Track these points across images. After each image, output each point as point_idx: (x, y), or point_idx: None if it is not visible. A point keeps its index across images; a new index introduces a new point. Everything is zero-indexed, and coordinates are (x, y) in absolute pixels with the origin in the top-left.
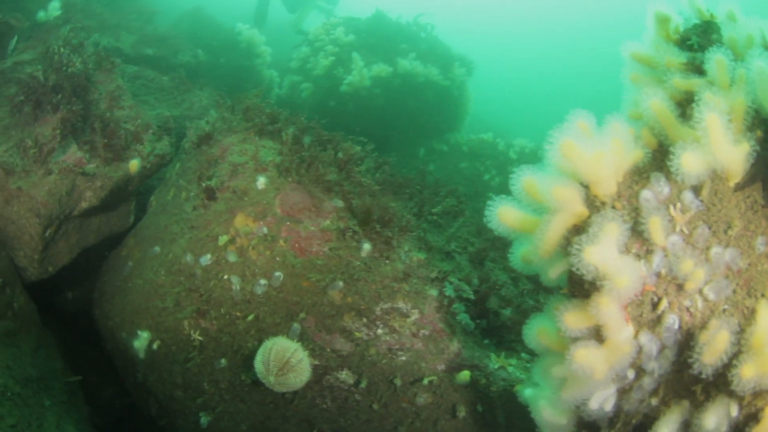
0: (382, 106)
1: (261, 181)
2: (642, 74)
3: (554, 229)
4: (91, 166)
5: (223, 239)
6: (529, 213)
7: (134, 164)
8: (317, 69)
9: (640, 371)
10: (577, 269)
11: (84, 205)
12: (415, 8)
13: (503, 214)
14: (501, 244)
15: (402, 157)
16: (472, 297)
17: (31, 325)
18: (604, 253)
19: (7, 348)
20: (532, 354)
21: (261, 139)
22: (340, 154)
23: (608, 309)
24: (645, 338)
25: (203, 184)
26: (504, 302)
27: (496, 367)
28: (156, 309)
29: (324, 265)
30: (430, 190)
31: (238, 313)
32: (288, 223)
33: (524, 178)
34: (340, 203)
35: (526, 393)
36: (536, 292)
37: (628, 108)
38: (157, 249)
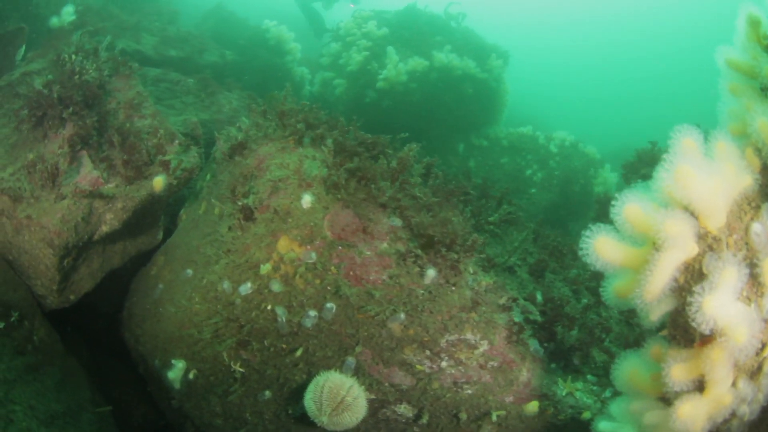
0: (419, 101)
1: (306, 200)
2: (740, 84)
3: (663, 269)
4: (110, 186)
5: (265, 268)
6: (629, 244)
7: (159, 181)
8: (350, 65)
9: (731, 415)
10: (693, 320)
11: (105, 229)
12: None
13: (601, 247)
14: (558, 253)
15: (440, 153)
16: (539, 319)
17: (54, 357)
18: (724, 304)
19: (29, 385)
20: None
21: (301, 148)
22: (393, 163)
23: (721, 364)
24: (744, 385)
25: (239, 203)
26: (569, 321)
27: (563, 394)
28: (191, 338)
29: (383, 295)
30: (479, 191)
31: (284, 345)
32: (339, 247)
33: (628, 206)
34: (398, 221)
35: (602, 427)
36: (598, 306)
37: (728, 121)
38: (190, 272)
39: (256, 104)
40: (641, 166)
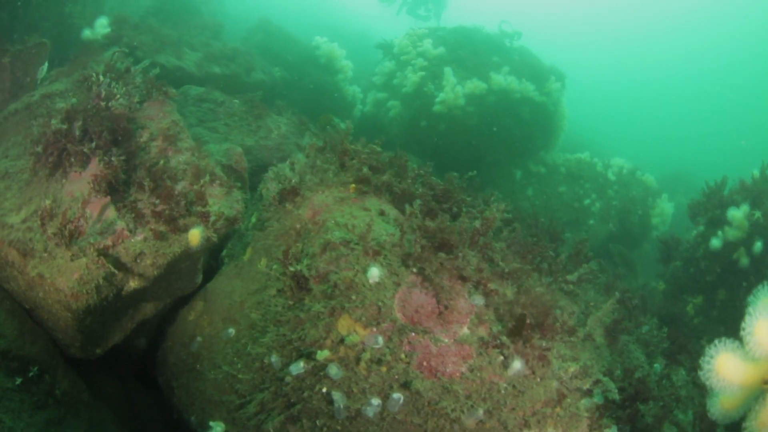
0: (476, 126)
1: (374, 273)
2: None
3: None
4: (137, 239)
5: (322, 355)
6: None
7: (195, 235)
8: (406, 86)
9: None
10: None
11: (133, 285)
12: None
13: (724, 369)
14: (629, 304)
15: (496, 179)
16: (617, 398)
17: (79, 408)
18: None
19: None
20: None
21: (364, 198)
22: (477, 223)
23: None
24: None
25: (291, 269)
26: (645, 394)
27: None
28: (232, 404)
29: (461, 390)
30: (548, 236)
31: (339, 428)
32: (412, 333)
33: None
34: (480, 300)
35: None
36: (669, 369)
37: None
38: (232, 332)
39: (310, 130)
40: (709, 207)
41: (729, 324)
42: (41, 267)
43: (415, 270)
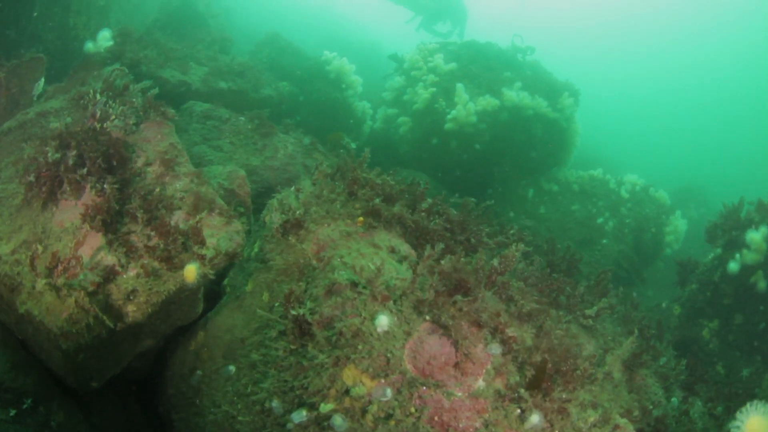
0: (488, 143)
1: (382, 322)
2: None
3: None
4: (130, 275)
5: (326, 407)
6: None
7: (191, 271)
8: (416, 102)
9: None
10: None
11: (128, 320)
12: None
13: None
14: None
15: (509, 197)
16: None
17: None
18: None
19: None
20: None
21: (373, 233)
22: (495, 262)
23: None
24: None
25: (293, 312)
26: (663, 426)
27: None
28: None
29: None
30: (565, 263)
31: None
32: (423, 387)
33: None
34: (497, 349)
35: None
36: (688, 410)
37: None
38: (232, 369)
39: (318, 150)
40: (726, 228)
41: (744, 348)
42: (29, 304)
43: (428, 318)
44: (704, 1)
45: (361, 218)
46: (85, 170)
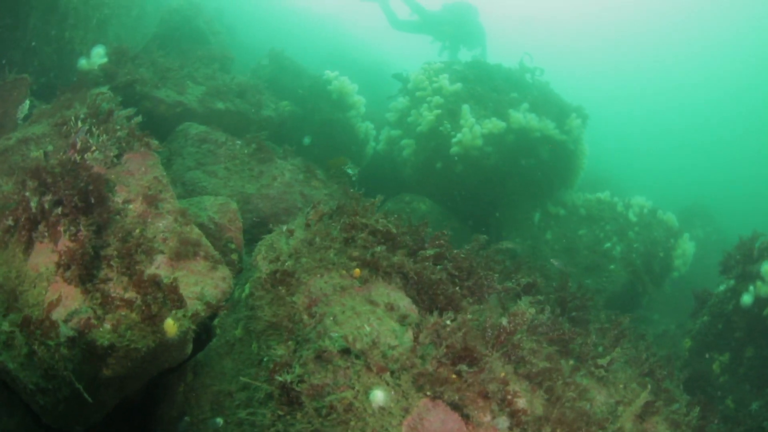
0: (494, 166)
1: (378, 398)
2: None
3: None
4: (105, 329)
5: None
6: None
7: (171, 326)
8: (421, 125)
9: None
10: None
11: (108, 373)
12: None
13: None
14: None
15: (515, 221)
16: None
17: None
18: None
19: None
20: None
21: (370, 288)
22: (504, 320)
23: None
24: None
25: (279, 379)
26: None
27: None
28: None
29: None
30: (578, 302)
31: None
32: None
33: None
34: (505, 423)
35: None
36: None
37: None
38: (220, 422)
39: (316, 178)
40: (740, 260)
41: (755, 382)
42: (5, 355)
43: (429, 393)
44: (705, 20)
45: (357, 270)
46: (60, 210)
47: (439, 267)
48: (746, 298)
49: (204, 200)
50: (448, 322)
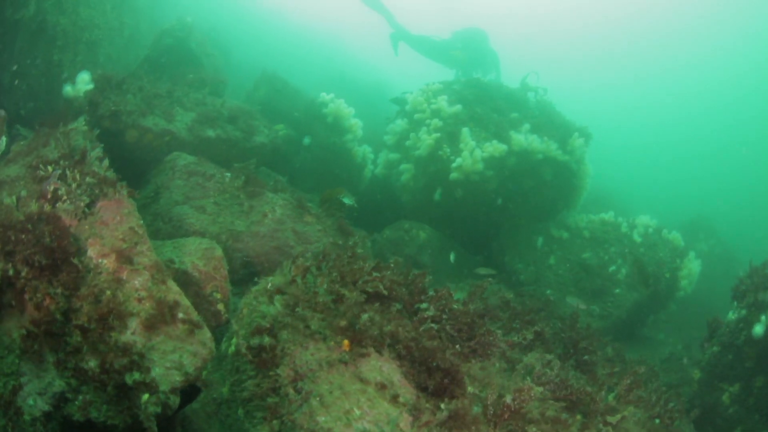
0: (495, 190)
1: None
2: None
3: None
4: (76, 404)
5: None
6: None
7: (146, 401)
8: (420, 149)
9: None
10: None
11: None
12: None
13: None
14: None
15: (517, 246)
16: None
17: None
18: None
19: None
20: None
21: (360, 362)
22: (508, 399)
23: None
24: None
25: None
26: None
27: None
28: None
29: None
30: (587, 343)
31: None
32: None
33: None
34: None
35: None
36: None
37: None
38: None
39: (309, 213)
40: (751, 288)
41: (765, 412)
42: None
43: None
44: (702, 29)
45: (347, 342)
46: (25, 273)
47: (436, 327)
48: (758, 329)
49: (188, 243)
50: (445, 412)
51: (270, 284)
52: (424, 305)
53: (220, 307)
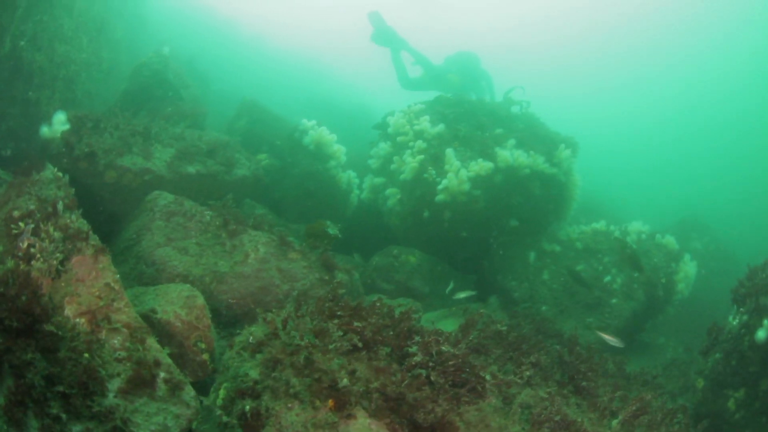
0: (483, 209)
1: None
2: None
3: None
4: None
5: None
6: None
7: None
8: (404, 172)
9: None
10: None
11: None
12: None
13: None
14: None
15: (509, 263)
16: None
17: None
18: None
19: None
20: None
21: (348, 423)
22: None
23: None
24: None
25: None
26: None
27: None
28: None
29: None
30: (587, 365)
31: None
32: None
33: None
34: None
35: None
36: None
37: None
38: None
39: (293, 249)
40: (752, 292)
41: None
42: None
43: None
44: (681, 32)
45: (331, 401)
46: (2, 339)
47: (425, 373)
48: (761, 334)
49: (170, 290)
50: None
51: (251, 337)
52: (413, 349)
53: (205, 357)
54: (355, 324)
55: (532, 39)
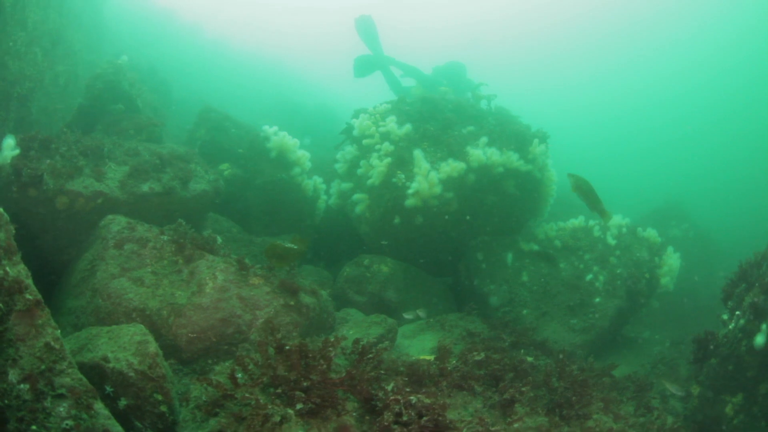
0: (457, 211)
1: None
2: None
3: None
4: None
5: None
6: None
7: None
8: (372, 177)
9: None
10: None
11: None
12: None
13: None
14: None
15: (486, 266)
16: None
17: None
18: None
19: None
20: None
21: None
22: None
23: None
24: None
25: None
26: None
27: None
28: None
29: None
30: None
31: None
32: None
33: None
34: None
35: None
36: None
37: None
38: None
39: (255, 275)
40: (747, 290)
41: None
42: None
43: None
44: (650, 23)
45: None
46: None
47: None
48: (759, 339)
49: (122, 333)
50: None
51: (205, 396)
52: (379, 404)
53: (163, 408)
54: (313, 377)
55: (506, 32)
